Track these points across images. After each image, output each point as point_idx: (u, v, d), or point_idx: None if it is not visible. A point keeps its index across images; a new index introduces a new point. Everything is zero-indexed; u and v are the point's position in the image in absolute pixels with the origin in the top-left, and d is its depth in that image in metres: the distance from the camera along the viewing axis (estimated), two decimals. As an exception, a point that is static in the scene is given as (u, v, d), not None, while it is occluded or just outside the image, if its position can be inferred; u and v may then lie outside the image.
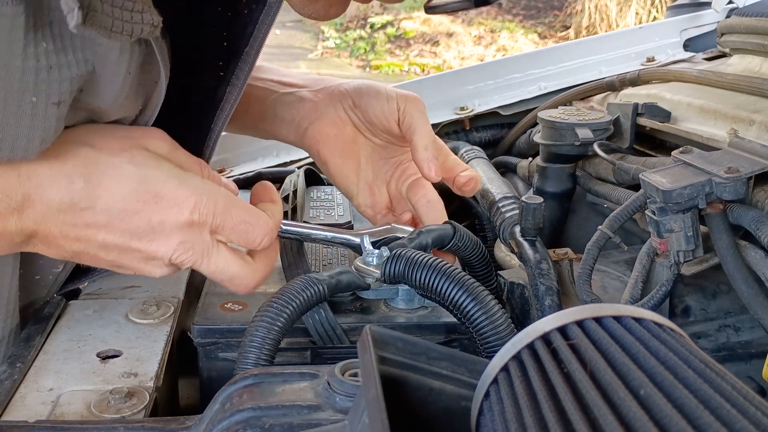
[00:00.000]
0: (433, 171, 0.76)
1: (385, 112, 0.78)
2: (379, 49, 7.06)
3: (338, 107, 0.80)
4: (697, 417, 0.29)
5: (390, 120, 0.78)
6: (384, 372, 0.36)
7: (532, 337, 0.36)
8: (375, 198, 0.82)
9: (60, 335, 0.67)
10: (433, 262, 0.64)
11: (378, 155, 0.83)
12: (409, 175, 0.82)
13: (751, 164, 0.70)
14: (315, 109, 0.80)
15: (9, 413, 0.56)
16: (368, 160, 0.82)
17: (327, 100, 0.80)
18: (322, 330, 0.67)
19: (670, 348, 0.34)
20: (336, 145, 0.80)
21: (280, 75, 0.86)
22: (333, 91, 0.81)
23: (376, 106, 0.78)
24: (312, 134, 0.80)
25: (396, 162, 0.83)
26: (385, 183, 0.83)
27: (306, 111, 0.80)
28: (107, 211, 0.54)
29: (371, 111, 0.79)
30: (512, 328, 0.62)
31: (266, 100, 0.83)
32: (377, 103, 0.78)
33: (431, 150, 0.76)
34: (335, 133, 0.80)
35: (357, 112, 0.80)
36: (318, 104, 0.80)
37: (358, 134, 0.81)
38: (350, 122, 0.81)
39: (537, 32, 7.20)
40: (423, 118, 0.78)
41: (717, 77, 0.93)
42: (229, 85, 0.68)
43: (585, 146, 0.94)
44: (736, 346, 0.75)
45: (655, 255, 0.74)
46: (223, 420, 0.44)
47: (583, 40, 1.33)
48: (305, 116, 0.80)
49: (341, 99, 0.80)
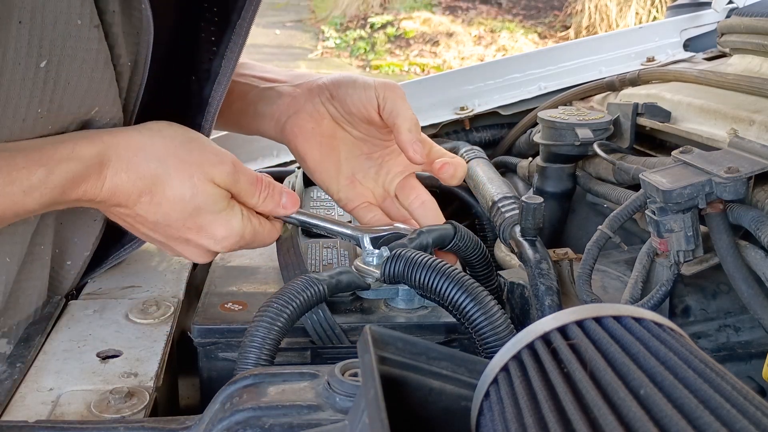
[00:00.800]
0: (418, 153, 0.75)
1: (363, 101, 0.77)
2: (379, 49, 7.06)
3: (316, 101, 0.79)
4: (697, 417, 0.29)
5: (369, 108, 0.77)
6: (384, 372, 0.36)
7: (532, 336, 0.36)
8: (356, 192, 0.81)
9: (60, 335, 0.67)
10: (432, 262, 0.64)
11: (359, 150, 0.82)
12: (396, 173, 0.82)
13: (751, 164, 0.70)
14: (293, 103, 0.80)
15: (9, 413, 0.56)
16: (349, 155, 0.81)
17: (305, 94, 0.80)
18: (321, 330, 0.67)
19: (670, 348, 0.34)
20: (314, 140, 0.79)
21: (261, 71, 0.85)
22: (311, 85, 0.80)
23: (353, 95, 0.77)
24: (290, 128, 0.79)
25: (379, 158, 0.82)
26: (368, 179, 0.82)
27: (284, 105, 0.80)
28: (155, 223, 0.65)
29: (349, 101, 0.78)
30: (511, 328, 0.62)
31: (247, 96, 0.83)
32: (354, 92, 0.77)
33: (415, 132, 0.75)
34: (312, 126, 0.79)
35: (335, 104, 0.79)
36: (296, 98, 0.80)
37: (337, 128, 0.80)
38: (328, 115, 0.80)
39: (537, 32, 7.20)
40: (404, 103, 0.76)
41: (717, 77, 0.93)
42: (224, 59, 0.70)
43: (585, 146, 0.94)
44: (736, 346, 0.75)
45: (655, 255, 0.74)
46: (223, 420, 0.44)
47: (583, 40, 1.33)
48: (284, 111, 0.80)
49: (319, 92, 0.79)
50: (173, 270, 0.82)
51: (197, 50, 0.72)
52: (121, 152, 0.62)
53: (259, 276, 0.79)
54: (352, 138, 0.81)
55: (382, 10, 7.67)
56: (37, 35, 0.57)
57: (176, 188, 0.63)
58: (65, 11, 0.57)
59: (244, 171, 0.68)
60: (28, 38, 0.56)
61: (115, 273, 0.80)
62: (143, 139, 0.63)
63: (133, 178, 0.62)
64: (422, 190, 0.80)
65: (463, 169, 0.79)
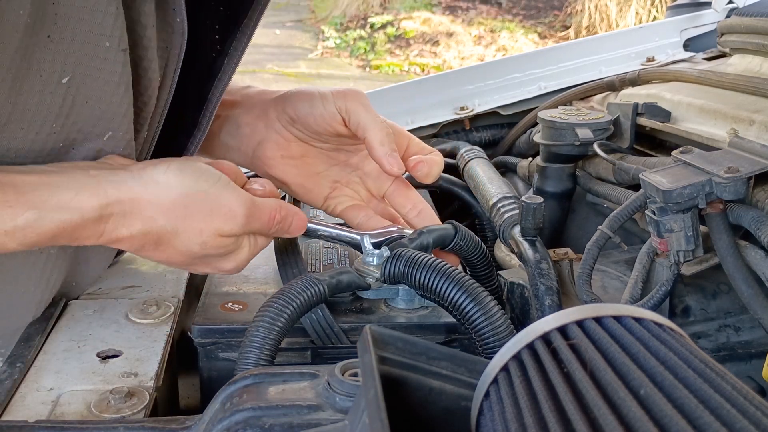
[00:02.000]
0: (395, 167, 0.71)
1: (326, 118, 0.73)
2: (379, 49, 7.06)
3: (277, 126, 0.76)
4: (697, 417, 0.29)
5: (333, 124, 0.73)
6: (384, 372, 0.36)
7: (532, 336, 0.36)
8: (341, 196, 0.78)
9: (60, 335, 0.67)
10: (432, 262, 0.64)
11: (335, 160, 0.79)
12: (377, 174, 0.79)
13: (751, 164, 0.70)
14: (254, 133, 0.76)
15: (9, 413, 0.56)
16: (326, 166, 0.79)
17: (263, 121, 0.76)
18: (320, 329, 0.67)
19: (670, 348, 0.34)
20: (286, 165, 0.76)
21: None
22: (266, 109, 0.76)
23: (314, 113, 0.73)
24: (259, 159, 0.77)
25: (356, 163, 0.79)
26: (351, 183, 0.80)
27: (246, 137, 0.77)
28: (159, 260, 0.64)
29: (311, 120, 0.74)
30: (511, 329, 0.62)
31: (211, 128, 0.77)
32: (312, 110, 0.73)
33: (388, 144, 0.71)
34: (281, 153, 0.76)
35: (297, 126, 0.75)
36: (256, 128, 0.76)
37: (307, 147, 0.77)
38: (294, 138, 0.76)
39: (537, 32, 7.20)
40: (369, 113, 0.72)
41: (717, 77, 0.93)
42: (227, 57, 0.69)
43: (585, 146, 0.94)
44: (736, 346, 0.75)
45: (655, 255, 0.74)
46: (223, 420, 0.44)
47: (583, 40, 1.33)
48: (247, 142, 0.77)
49: (278, 117, 0.76)
50: (173, 270, 0.82)
51: (201, 48, 0.71)
52: (125, 209, 0.58)
53: (259, 276, 0.79)
54: (325, 151, 0.78)
55: (382, 10, 7.66)
56: (63, 51, 0.57)
57: (184, 243, 0.61)
58: (96, 32, 0.57)
59: (257, 215, 0.64)
60: (54, 52, 0.56)
61: (115, 273, 0.80)
62: (148, 195, 0.59)
63: (136, 234, 0.59)
64: (417, 198, 0.77)
65: (438, 166, 0.75)
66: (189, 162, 0.63)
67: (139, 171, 0.60)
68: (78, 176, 0.58)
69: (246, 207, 0.63)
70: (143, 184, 0.59)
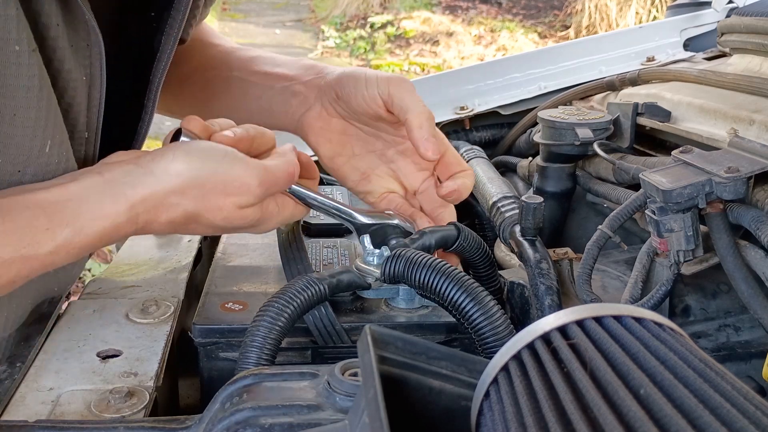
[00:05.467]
0: (430, 151, 0.72)
1: (367, 99, 0.76)
2: (379, 48, 7.05)
3: (324, 100, 0.80)
4: (697, 417, 0.29)
5: (373, 106, 0.76)
6: (384, 372, 0.36)
7: (532, 336, 0.36)
8: (372, 185, 0.81)
9: (60, 335, 0.67)
10: (432, 262, 0.64)
11: (372, 146, 0.81)
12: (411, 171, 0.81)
13: (751, 164, 0.70)
14: (304, 102, 0.81)
15: (9, 413, 0.56)
16: (362, 150, 0.82)
17: (314, 93, 0.81)
18: (322, 327, 0.67)
19: (670, 348, 0.34)
20: (324, 136, 0.81)
21: (273, 65, 0.86)
22: (318, 83, 0.81)
23: (357, 94, 0.76)
24: (303, 125, 0.81)
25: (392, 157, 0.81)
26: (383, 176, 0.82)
27: (297, 104, 0.82)
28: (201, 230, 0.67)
29: (353, 101, 0.77)
30: (511, 329, 0.62)
31: (261, 98, 0.84)
32: (357, 91, 0.76)
33: (426, 128, 0.73)
34: (321, 125, 0.80)
35: (341, 104, 0.79)
36: (307, 97, 0.81)
37: (347, 125, 0.81)
38: (336, 114, 0.80)
39: (537, 32, 7.20)
40: (413, 97, 0.75)
41: (717, 77, 0.93)
42: (164, 35, 0.71)
43: (585, 146, 0.94)
44: (736, 346, 0.75)
45: (655, 255, 0.74)
46: (223, 419, 0.44)
47: (583, 40, 1.33)
48: (296, 109, 0.82)
49: (326, 92, 0.80)
50: (173, 270, 0.82)
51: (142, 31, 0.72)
52: (148, 205, 0.60)
53: (259, 276, 0.79)
54: (364, 134, 0.81)
55: (382, 10, 7.66)
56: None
57: (209, 220, 0.64)
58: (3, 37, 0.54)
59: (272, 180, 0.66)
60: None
61: (115, 273, 0.80)
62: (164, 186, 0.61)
63: (165, 222, 0.62)
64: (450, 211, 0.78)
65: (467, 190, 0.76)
66: (193, 144, 0.65)
67: (149, 164, 0.62)
68: (94, 182, 0.60)
69: (258, 177, 0.65)
70: (156, 177, 0.61)
